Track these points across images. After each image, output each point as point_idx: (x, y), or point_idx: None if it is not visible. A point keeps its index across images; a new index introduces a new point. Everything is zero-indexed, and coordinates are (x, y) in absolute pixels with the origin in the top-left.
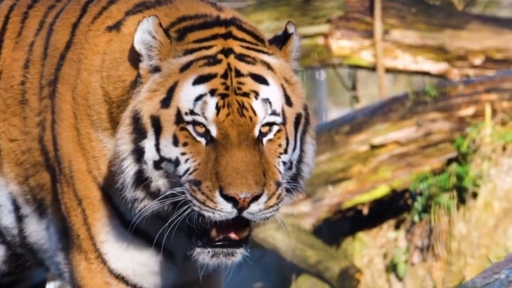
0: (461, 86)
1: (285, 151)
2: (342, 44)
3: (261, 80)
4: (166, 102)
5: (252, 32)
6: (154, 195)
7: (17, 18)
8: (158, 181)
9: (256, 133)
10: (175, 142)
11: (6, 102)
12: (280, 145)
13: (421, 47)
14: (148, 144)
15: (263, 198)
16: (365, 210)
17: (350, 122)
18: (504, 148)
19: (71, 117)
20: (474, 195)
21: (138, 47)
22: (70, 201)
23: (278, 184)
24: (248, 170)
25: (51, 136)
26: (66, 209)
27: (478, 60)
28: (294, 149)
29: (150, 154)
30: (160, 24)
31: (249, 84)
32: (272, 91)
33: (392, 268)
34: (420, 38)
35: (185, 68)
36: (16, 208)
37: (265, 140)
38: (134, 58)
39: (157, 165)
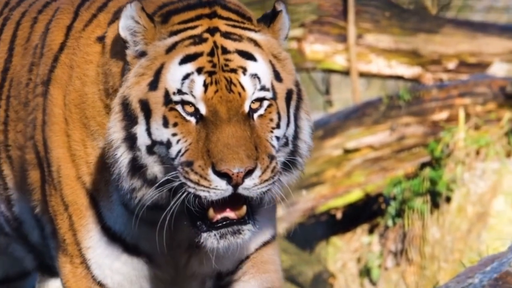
0: (435, 90)
1: (278, 126)
2: (316, 48)
3: (248, 56)
4: (153, 85)
5: (237, 11)
6: (151, 182)
7: (27, 24)
8: (154, 167)
9: (246, 108)
10: (165, 124)
11: (15, 109)
12: (271, 120)
13: (395, 51)
14: (140, 129)
15: (257, 172)
16: (339, 215)
17: (324, 127)
18: (477, 153)
19: (62, 122)
20: (448, 199)
21: (123, 34)
22: (57, 205)
23: (272, 157)
24: (239, 144)
25: (41, 137)
26: (53, 212)
27: (451, 64)
28: (288, 124)
29: (142, 139)
30: (143, 8)
31: (236, 60)
32: (260, 67)
33: (365, 272)
34: (394, 42)
35: (170, 49)
36: (39, 223)
37: (256, 115)
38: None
39: (150, 149)
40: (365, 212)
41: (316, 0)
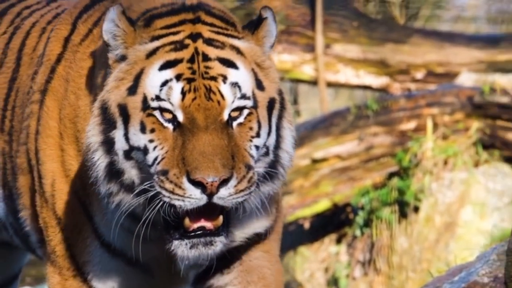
0: (403, 100)
1: (258, 135)
2: (284, 58)
3: (230, 64)
4: (133, 90)
5: (221, 17)
6: (128, 187)
7: (35, 34)
8: (131, 172)
9: (225, 117)
10: (143, 129)
11: (18, 119)
12: (251, 128)
13: (362, 61)
14: (118, 134)
15: (233, 181)
16: (307, 225)
17: None
18: (445, 162)
19: (57, 136)
20: (416, 209)
21: (105, 37)
22: (49, 217)
23: (249, 167)
24: (215, 153)
25: (34, 146)
26: (44, 224)
27: (419, 74)
28: (268, 134)
29: (120, 144)
30: (124, 12)
31: (217, 68)
32: (241, 75)
33: (333, 282)
34: (361, 52)
35: (151, 54)
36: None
37: (235, 124)
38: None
39: (127, 154)
40: (333, 222)
41: (284, 10)
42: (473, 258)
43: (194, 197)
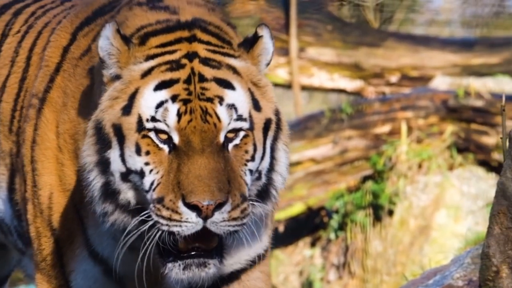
0: (377, 103)
1: (252, 158)
2: None
3: (226, 84)
4: (127, 110)
5: (217, 34)
6: (124, 207)
7: (46, 34)
8: (127, 193)
9: (221, 139)
10: (138, 151)
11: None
12: (247, 152)
13: (337, 65)
14: (113, 154)
15: (227, 207)
16: (281, 228)
17: None
18: (420, 166)
19: (56, 149)
20: (390, 212)
21: (101, 53)
22: (43, 228)
23: (244, 198)
24: (211, 177)
25: (29, 154)
26: (36, 233)
27: (394, 78)
28: (262, 157)
29: (116, 165)
30: (118, 30)
31: (213, 89)
32: (237, 96)
33: (308, 285)
34: (336, 55)
35: (146, 74)
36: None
37: (230, 146)
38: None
39: (124, 177)
40: (307, 225)
41: (258, 13)
42: (448, 262)
43: (190, 220)
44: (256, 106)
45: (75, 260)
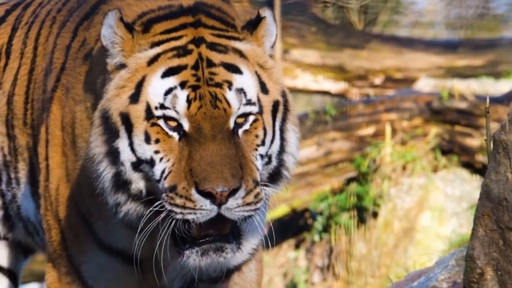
0: (361, 105)
1: (263, 143)
2: None
3: (234, 69)
4: (135, 98)
5: (221, 18)
6: (136, 197)
7: (48, 23)
8: (139, 183)
9: (231, 125)
10: (147, 140)
11: (37, 113)
12: (257, 136)
13: (321, 67)
14: (122, 144)
15: (241, 192)
16: (265, 229)
17: None
18: (404, 168)
19: (62, 143)
20: (374, 214)
21: (104, 42)
22: (52, 220)
23: (256, 183)
24: (224, 163)
25: (44, 152)
26: (47, 226)
27: (378, 80)
28: (272, 141)
29: (126, 155)
30: (121, 18)
31: (222, 74)
32: (246, 80)
33: (292, 287)
34: (320, 57)
35: (152, 61)
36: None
37: (240, 131)
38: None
39: (135, 166)
40: (291, 227)
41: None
42: (432, 264)
43: (204, 208)
44: (264, 89)
45: (85, 253)
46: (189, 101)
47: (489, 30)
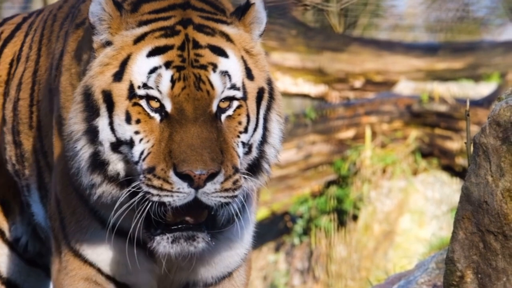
0: (341, 108)
1: (245, 130)
2: None
3: (220, 52)
4: (118, 76)
5: (211, 2)
6: (112, 179)
7: (49, 22)
8: (117, 165)
9: (214, 108)
10: (128, 119)
11: (43, 113)
12: (240, 123)
13: (301, 70)
14: (102, 122)
15: (220, 177)
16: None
17: None
18: (384, 171)
19: (55, 124)
20: (354, 217)
21: (92, 19)
22: (53, 204)
23: (236, 170)
24: (204, 146)
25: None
26: (50, 213)
27: (358, 83)
28: (255, 129)
29: (105, 134)
30: None
31: (207, 56)
32: (231, 64)
33: None
34: (300, 60)
35: (139, 39)
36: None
37: (223, 116)
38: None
39: (114, 147)
40: (271, 230)
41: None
42: (412, 267)
43: (182, 190)
44: (249, 75)
45: (82, 230)
46: (173, 81)
47: (469, 33)
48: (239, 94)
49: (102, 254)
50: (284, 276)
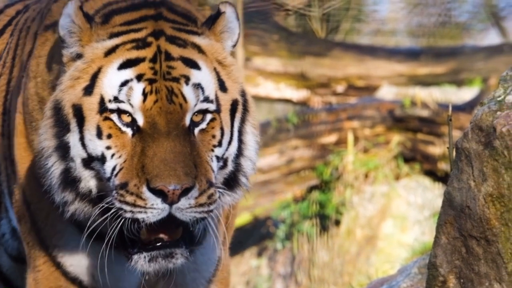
0: (324, 113)
1: (219, 144)
2: None
3: (192, 64)
4: (89, 90)
5: (183, 13)
6: (84, 196)
7: (24, 33)
8: (89, 182)
9: (187, 121)
10: (99, 134)
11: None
12: (214, 136)
13: (283, 75)
14: (73, 138)
15: (194, 192)
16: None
17: None
18: (366, 176)
19: (20, 124)
20: (337, 222)
21: (61, 32)
22: (21, 207)
23: (210, 184)
24: (177, 161)
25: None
26: (17, 217)
27: (340, 88)
28: (230, 142)
29: (77, 150)
30: (81, 8)
31: (180, 68)
32: (204, 76)
33: None
34: (282, 65)
35: (110, 52)
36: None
37: (197, 130)
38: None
39: (86, 164)
40: (253, 235)
41: None
42: (395, 271)
43: (156, 207)
44: (222, 87)
45: (57, 233)
46: (145, 95)
47: (451, 38)
48: (212, 107)
49: (79, 260)
50: (267, 281)
